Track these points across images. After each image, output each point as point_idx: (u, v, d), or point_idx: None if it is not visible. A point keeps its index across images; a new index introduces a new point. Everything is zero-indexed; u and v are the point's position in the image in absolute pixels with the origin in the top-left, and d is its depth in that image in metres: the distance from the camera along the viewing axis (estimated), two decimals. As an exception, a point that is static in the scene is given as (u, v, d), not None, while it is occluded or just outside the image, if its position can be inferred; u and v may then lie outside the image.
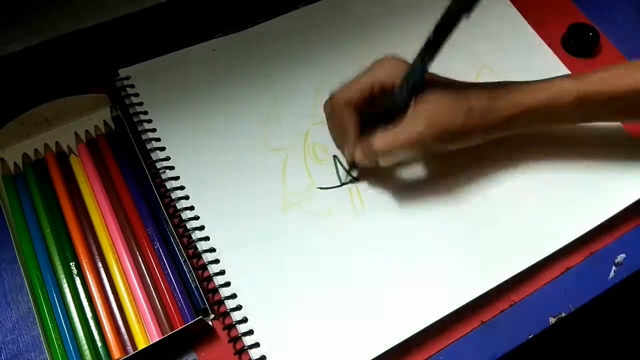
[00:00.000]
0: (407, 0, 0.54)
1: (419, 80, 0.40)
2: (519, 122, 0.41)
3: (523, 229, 0.43)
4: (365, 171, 0.45)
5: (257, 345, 0.38)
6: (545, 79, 0.41)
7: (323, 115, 0.48)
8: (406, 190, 0.45)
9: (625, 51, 0.53)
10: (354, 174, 0.45)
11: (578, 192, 0.45)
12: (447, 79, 0.42)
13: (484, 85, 0.41)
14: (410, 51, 0.51)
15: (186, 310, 0.39)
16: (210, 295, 0.41)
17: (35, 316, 0.38)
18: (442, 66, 0.50)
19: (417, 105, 0.40)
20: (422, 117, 0.39)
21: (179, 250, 0.41)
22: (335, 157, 0.46)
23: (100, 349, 0.38)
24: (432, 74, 0.41)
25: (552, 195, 0.44)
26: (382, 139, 0.40)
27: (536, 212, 0.44)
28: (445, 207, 0.44)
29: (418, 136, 0.39)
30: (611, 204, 0.44)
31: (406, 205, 0.44)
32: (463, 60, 0.51)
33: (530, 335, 0.41)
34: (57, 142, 0.46)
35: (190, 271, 0.40)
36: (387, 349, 0.38)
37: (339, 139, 0.45)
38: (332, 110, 0.44)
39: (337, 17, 0.53)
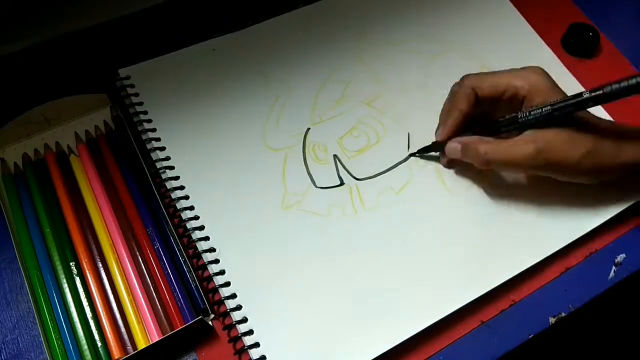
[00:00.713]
0: (407, 0, 0.54)
1: (560, 116, 0.39)
2: (633, 171, 0.40)
3: (523, 229, 0.43)
4: (362, 171, 0.45)
5: (257, 345, 0.38)
6: None
7: (323, 115, 0.48)
8: (406, 191, 0.45)
9: (625, 51, 0.53)
10: (425, 152, 0.46)
11: (578, 192, 0.45)
12: (588, 114, 0.40)
13: (612, 126, 0.41)
14: (410, 51, 0.52)
15: (186, 310, 0.39)
16: (210, 295, 0.41)
17: (35, 316, 0.38)
18: (441, 65, 0.51)
19: (538, 130, 0.39)
20: (537, 143, 0.39)
21: (179, 250, 0.41)
22: (335, 156, 0.46)
23: (100, 349, 0.38)
24: (585, 112, 0.40)
25: (552, 195, 0.44)
26: (490, 147, 0.40)
27: (536, 212, 0.44)
28: (445, 207, 0.44)
29: (527, 161, 0.39)
30: (611, 204, 0.44)
31: (406, 205, 0.44)
32: (463, 60, 0.51)
33: (530, 335, 0.41)
34: (57, 142, 0.46)
35: (190, 271, 0.40)
36: (387, 349, 0.38)
37: (442, 115, 0.45)
38: (456, 88, 0.43)
39: (337, 17, 0.53)
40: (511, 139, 0.40)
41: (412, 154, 0.46)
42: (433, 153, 0.46)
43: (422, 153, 0.46)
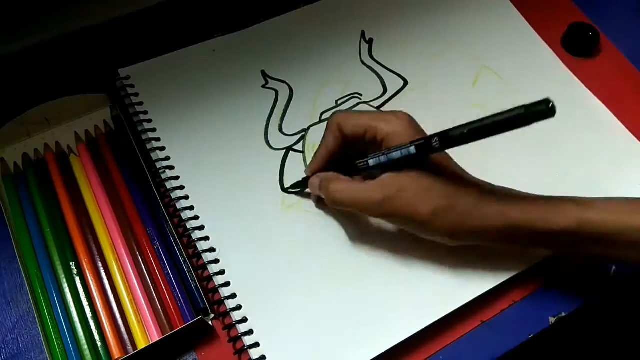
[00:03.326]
0: (408, 0, 0.54)
1: (415, 160, 0.36)
2: (497, 236, 0.37)
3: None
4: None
5: (256, 345, 0.38)
6: (548, 197, 0.37)
7: (323, 115, 0.48)
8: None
9: (625, 51, 0.53)
10: (298, 187, 0.44)
11: (578, 193, 0.44)
12: (455, 167, 0.38)
13: (486, 189, 0.37)
14: (410, 51, 0.52)
15: (186, 310, 0.39)
16: (210, 295, 0.41)
17: (35, 316, 0.39)
18: (441, 65, 0.51)
19: (392, 174, 0.37)
20: (388, 190, 0.36)
21: (179, 250, 0.41)
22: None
23: (100, 349, 0.38)
24: (444, 154, 0.37)
25: (552, 195, 0.44)
26: (341, 186, 0.38)
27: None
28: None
29: (373, 207, 0.37)
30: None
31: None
32: (463, 60, 0.51)
33: (530, 335, 0.41)
34: (57, 142, 0.46)
35: (190, 271, 0.40)
36: (387, 349, 0.38)
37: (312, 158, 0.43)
38: (327, 124, 0.41)
39: (338, 17, 0.53)
40: (367, 181, 0.38)
41: (285, 190, 0.44)
42: (308, 190, 0.44)
43: (296, 188, 0.44)
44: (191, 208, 0.43)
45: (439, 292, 0.40)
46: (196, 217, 0.42)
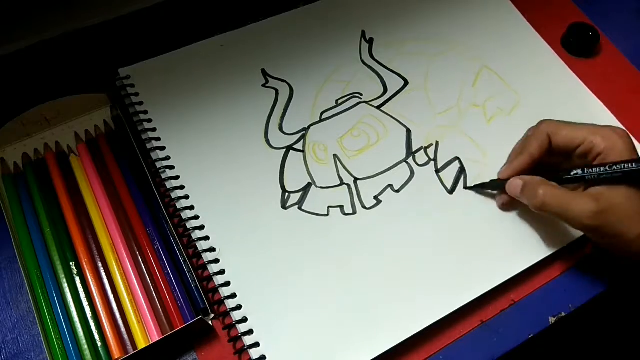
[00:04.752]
0: (408, 0, 0.54)
1: (630, 180, 0.36)
2: None
3: (523, 229, 0.43)
4: (362, 170, 0.45)
5: (256, 345, 0.38)
6: None
7: (323, 115, 0.48)
8: (406, 191, 0.45)
9: (625, 51, 0.54)
10: (481, 188, 0.44)
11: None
12: None
13: None
14: (410, 51, 0.52)
15: (186, 310, 0.39)
16: (210, 295, 0.41)
17: (35, 316, 0.38)
18: (441, 65, 0.51)
19: (606, 189, 0.37)
20: (604, 203, 0.36)
21: (179, 250, 0.41)
22: (335, 156, 0.46)
23: (100, 349, 0.38)
24: None
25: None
26: (552, 191, 0.38)
27: (536, 212, 0.44)
28: (445, 207, 0.44)
29: (582, 218, 0.37)
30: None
31: (406, 205, 0.44)
32: (463, 60, 0.51)
33: (530, 335, 0.41)
34: (57, 142, 0.46)
35: (190, 271, 0.40)
36: (387, 349, 0.38)
37: (511, 155, 0.44)
38: (531, 131, 0.42)
39: (338, 17, 0.53)
40: (577, 191, 0.38)
41: (466, 187, 0.44)
42: (490, 191, 0.44)
43: (478, 189, 0.44)
44: (191, 208, 0.43)
45: (438, 292, 0.40)
46: (196, 217, 0.42)
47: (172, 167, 0.44)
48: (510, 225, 0.43)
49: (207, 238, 0.42)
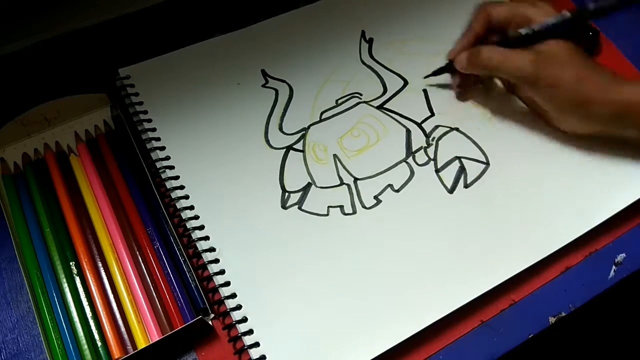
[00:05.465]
0: (408, 0, 0.54)
1: (563, 30, 0.41)
2: (617, 115, 0.40)
3: (523, 229, 0.43)
4: (361, 170, 0.45)
5: (257, 345, 0.38)
6: None
7: (323, 115, 0.48)
8: (405, 190, 0.45)
9: (625, 51, 0.53)
10: (438, 73, 0.48)
11: (578, 192, 0.45)
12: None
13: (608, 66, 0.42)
14: (410, 51, 0.52)
15: (186, 310, 0.39)
16: (210, 294, 0.41)
17: (35, 316, 0.38)
18: (442, 65, 0.51)
19: (543, 44, 0.41)
20: (540, 53, 0.40)
21: (179, 250, 0.41)
22: (335, 156, 0.46)
23: (100, 349, 0.38)
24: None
25: (552, 195, 0.44)
26: (491, 52, 0.42)
27: (536, 212, 0.44)
28: (444, 207, 0.44)
29: (522, 69, 0.41)
30: (611, 204, 0.44)
31: (406, 204, 0.44)
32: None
33: (530, 335, 0.41)
34: (57, 142, 0.46)
35: (190, 271, 0.40)
36: (387, 349, 0.38)
37: (459, 38, 0.47)
38: (474, 12, 0.45)
39: (338, 17, 0.53)
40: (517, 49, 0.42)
41: (426, 77, 0.49)
42: (444, 80, 0.48)
43: (435, 75, 0.48)
44: (191, 208, 0.43)
45: (438, 292, 0.40)
46: (196, 217, 0.42)
47: (172, 167, 0.44)
48: (510, 225, 0.43)
49: (207, 238, 0.42)
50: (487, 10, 0.44)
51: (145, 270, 0.41)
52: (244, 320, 0.39)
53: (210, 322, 0.40)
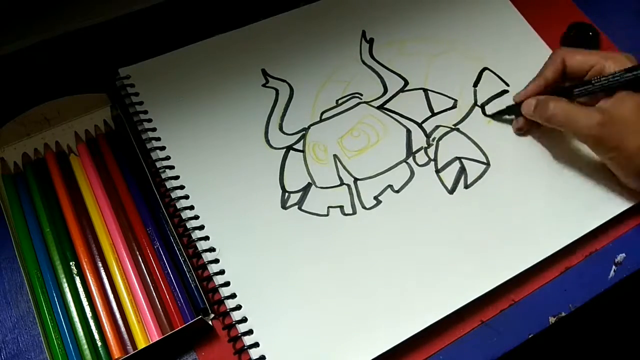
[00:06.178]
0: (408, 0, 0.54)
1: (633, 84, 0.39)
2: None
3: (523, 229, 0.43)
4: (362, 171, 0.45)
5: (256, 345, 0.38)
6: None
7: (323, 115, 0.48)
8: (406, 191, 0.45)
9: (625, 51, 0.53)
10: (504, 114, 0.47)
11: (578, 193, 0.45)
12: None
13: None
14: (410, 51, 0.52)
15: (186, 310, 0.39)
16: (210, 295, 0.41)
17: (35, 316, 0.38)
18: (441, 65, 0.51)
19: (612, 103, 0.40)
20: (608, 114, 0.39)
21: (179, 250, 0.41)
22: (335, 156, 0.46)
23: (100, 349, 0.38)
24: None
25: (552, 195, 0.44)
26: (561, 105, 0.41)
27: (536, 213, 0.44)
28: (445, 207, 0.44)
29: (591, 127, 0.39)
30: (611, 205, 0.44)
31: (406, 205, 0.44)
32: (463, 60, 0.51)
33: (530, 335, 0.41)
34: (57, 142, 0.46)
35: (190, 271, 0.40)
36: (387, 349, 0.38)
37: (533, 80, 0.46)
38: (548, 59, 0.45)
39: (338, 17, 0.53)
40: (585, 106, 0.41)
41: (487, 115, 0.48)
42: (507, 116, 0.48)
43: (497, 115, 0.48)
44: (191, 208, 0.43)
45: (438, 292, 0.40)
46: (196, 217, 0.42)
47: (172, 167, 0.44)
48: (510, 225, 0.43)
49: (207, 238, 0.42)
50: (562, 56, 0.43)
51: (145, 270, 0.41)
52: (244, 320, 0.39)
53: (210, 322, 0.40)
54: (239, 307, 0.40)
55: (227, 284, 0.40)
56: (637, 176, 0.41)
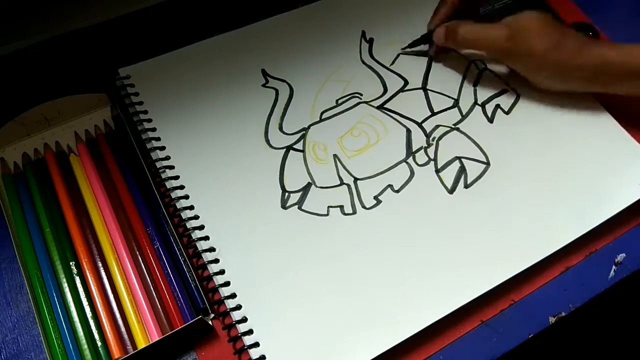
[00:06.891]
0: (408, 0, 0.54)
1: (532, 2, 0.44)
2: (593, 74, 0.43)
3: (523, 229, 0.43)
4: (362, 170, 0.45)
5: (256, 344, 0.38)
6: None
7: (323, 115, 0.48)
8: (406, 191, 0.45)
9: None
10: (417, 44, 0.50)
11: (578, 192, 0.45)
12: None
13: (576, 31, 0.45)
14: (410, 51, 0.52)
15: (186, 310, 0.39)
16: (210, 294, 0.41)
17: (35, 316, 0.39)
18: (441, 65, 0.51)
19: (515, 16, 0.44)
20: (513, 26, 0.43)
21: (179, 249, 0.41)
22: (335, 156, 0.46)
23: (100, 349, 0.38)
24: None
25: (552, 195, 0.44)
26: (469, 27, 0.45)
27: (536, 212, 0.44)
28: (445, 207, 0.44)
29: (498, 43, 0.44)
30: (611, 204, 0.44)
31: (406, 205, 0.44)
32: (463, 60, 0.51)
33: (530, 335, 0.41)
34: (57, 142, 0.46)
35: (190, 271, 0.40)
36: (387, 349, 0.38)
37: (436, 8, 0.49)
38: None
39: (338, 17, 0.53)
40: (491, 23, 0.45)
41: (402, 49, 0.51)
42: (422, 47, 0.51)
43: (413, 47, 0.51)
44: (191, 208, 0.43)
45: (439, 292, 0.40)
46: (196, 217, 0.42)
47: (172, 167, 0.44)
48: (510, 225, 0.43)
49: (207, 238, 0.42)
50: None
51: (145, 270, 0.41)
52: (244, 320, 0.39)
53: (210, 322, 0.40)
54: (239, 307, 0.40)
55: (227, 283, 0.40)
56: (550, 77, 0.45)
